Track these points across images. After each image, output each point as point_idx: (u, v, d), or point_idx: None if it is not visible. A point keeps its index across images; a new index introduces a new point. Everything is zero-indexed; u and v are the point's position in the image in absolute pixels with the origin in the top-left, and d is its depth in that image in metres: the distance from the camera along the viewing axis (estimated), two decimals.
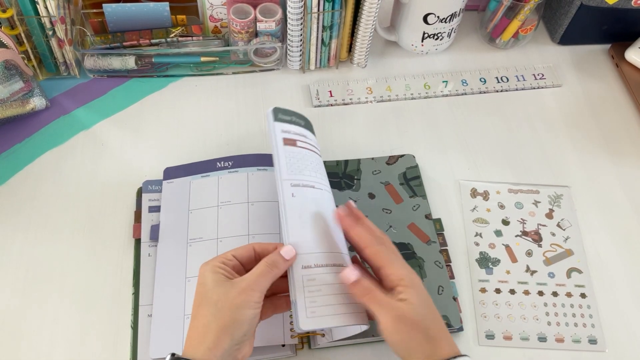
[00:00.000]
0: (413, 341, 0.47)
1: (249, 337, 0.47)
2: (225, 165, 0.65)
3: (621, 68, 0.81)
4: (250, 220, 0.61)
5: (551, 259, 0.64)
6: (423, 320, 0.47)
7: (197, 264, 0.59)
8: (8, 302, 0.59)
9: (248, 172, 0.64)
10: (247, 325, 0.46)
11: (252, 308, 0.46)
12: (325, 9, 0.71)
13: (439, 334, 0.48)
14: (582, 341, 0.59)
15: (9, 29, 0.70)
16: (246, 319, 0.46)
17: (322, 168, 0.59)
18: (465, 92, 0.79)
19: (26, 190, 0.67)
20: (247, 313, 0.46)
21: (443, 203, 0.68)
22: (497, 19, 0.80)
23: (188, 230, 0.61)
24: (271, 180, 0.64)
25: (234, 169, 0.65)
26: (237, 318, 0.45)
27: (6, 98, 0.69)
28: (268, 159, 0.66)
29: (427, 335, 0.47)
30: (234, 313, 0.45)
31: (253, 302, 0.46)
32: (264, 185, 0.64)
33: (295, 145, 0.56)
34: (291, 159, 0.55)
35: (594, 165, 0.72)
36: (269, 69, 0.79)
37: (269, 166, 0.65)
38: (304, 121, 0.61)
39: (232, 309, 0.46)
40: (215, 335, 0.45)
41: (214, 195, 0.63)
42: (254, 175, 0.64)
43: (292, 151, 0.56)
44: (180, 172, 0.66)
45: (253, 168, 0.65)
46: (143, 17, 0.75)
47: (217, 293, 0.47)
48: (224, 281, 0.47)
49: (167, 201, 0.64)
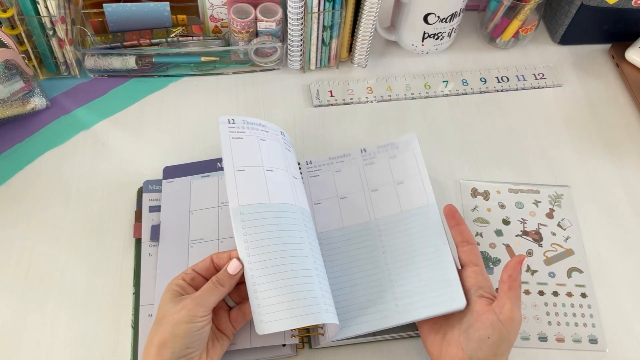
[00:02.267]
0: (509, 343, 0.51)
1: (196, 349, 0.49)
2: None
3: (621, 68, 0.81)
4: None
5: (552, 258, 0.65)
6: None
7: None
8: (8, 302, 0.59)
9: None
10: (187, 339, 0.48)
11: (194, 322, 0.48)
12: (326, 8, 0.71)
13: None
14: (583, 341, 0.59)
15: (9, 29, 0.70)
16: (186, 333, 0.48)
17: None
18: (466, 91, 0.79)
19: (26, 190, 0.67)
20: (187, 327, 0.48)
21: (443, 203, 0.67)
22: (497, 18, 0.80)
23: (189, 231, 0.61)
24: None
25: None
26: (176, 332, 0.48)
27: (7, 98, 0.69)
28: None
29: (513, 344, 0.51)
30: (173, 327, 0.48)
31: (196, 317, 0.49)
32: None
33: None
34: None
35: (594, 165, 0.72)
36: (269, 69, 0.79)
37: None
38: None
39: (172, 324, 0.48)
40: (156, 349, 0.48)
41: (214, 195, 0.63)
42: None
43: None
44: (180, 171, 0.66)
45: None
46: (143, 17, 0.75)
47: (163, 309, 0.50)
48: (173, 298, 0.51)
49: (167, 201, 0.64)
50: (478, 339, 0.50)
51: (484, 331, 0.50)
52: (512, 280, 0.52)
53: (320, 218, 0.62)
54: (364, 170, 0.66)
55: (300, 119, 0.75)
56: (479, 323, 0.51)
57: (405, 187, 0.63)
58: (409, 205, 0.62)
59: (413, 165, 0.64)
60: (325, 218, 0.63)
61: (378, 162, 0.66)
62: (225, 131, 0.58)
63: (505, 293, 0.51)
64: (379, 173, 0.65)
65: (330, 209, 0.63)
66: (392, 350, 0.58)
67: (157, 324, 0.50)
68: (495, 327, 0.50)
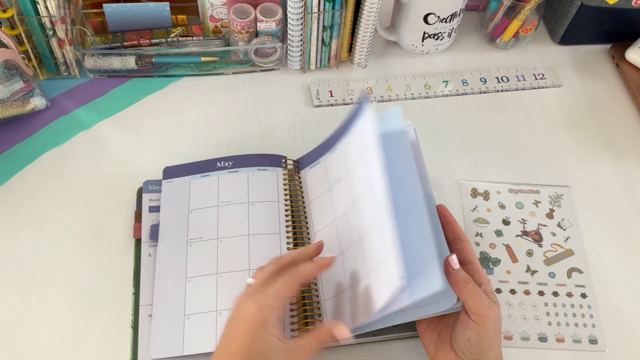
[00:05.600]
0: (489, 338, 0.50)
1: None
2: (225, 165, 0.65)
3: (621, 68, 0.81)
4: (250, 221, 0.61)
5: (552, 259, 0.64)
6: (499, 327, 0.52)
7: (198, 264, 0.59)
8: (8, 302, 0.59)
9: (248, 172, 0.64)
10: None
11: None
12: (326, 9, 0.71)
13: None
14: (583, 341, 0.59)
15: (9, 29, 0.70)
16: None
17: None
18: (466, 92, 0.79)
19: (26, 190, 0.67)
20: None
21: (443, 203, 0.67)
22: (497, 19, 0.80)
23: (188, 230, 0.61)
24: (271, 180, 0.64)
25: (234, 169, 0.65)
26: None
27: (6, 98, 0.69)
28: (268, 159, 0.66)
29: (498, 337, 0.52)
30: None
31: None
32: (265, 185, 0.64)
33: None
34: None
35: (594, 165, 0.72)
36: (269, 69, 0.79)
37: (269, 166, 0.65)
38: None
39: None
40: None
41: (214, 195, 0.63)
42: (254, 176, 0.64)
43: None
44: (180, 171, 0.66)
45: (253, 168, 0.65)
46: (143, 17, 0.75)
47: (264, 346, 0.45)
48: (283, 339, 0.47)
49: (166, 201, 0.64)
50: (461, 342, 0.51)
51: (462, 334, 0.51)
52: (455, 284, 0.51)
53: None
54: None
55: (300, 119, 0.75)
56: (458, 326, 0.51)
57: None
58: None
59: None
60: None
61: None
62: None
63: (461, 295, 0.51)
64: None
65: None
66: (392, 350, 0.58)
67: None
68: (470, 327, 0.50)
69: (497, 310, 0.51)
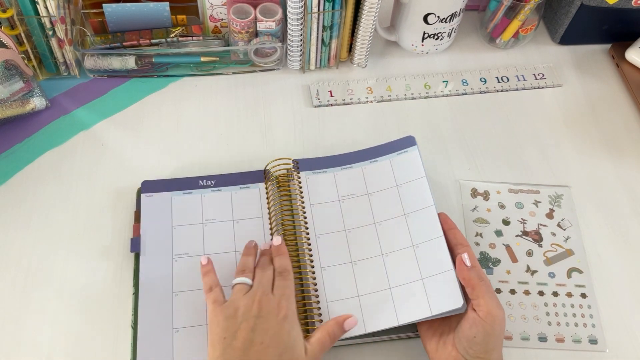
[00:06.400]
0: (495, 337, 0.51)
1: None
2: (208, 184, 0.65)
3: (621, 68, 0.81)
4: (236, 238, 0.62)
5: (551, 259, 0.64)
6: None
7: (185, 279, 0.59)
8: (8, 302, 0.59)
9: (231, 192, 0.65)
10: None
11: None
12: (326, 9, 0.71)
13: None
14: (583, 341, 0.59)
15: (9, 29, 0.70)
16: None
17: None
18: (466, 92, 0.79)
19: (26, 190, 0.67)
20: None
21: (443, 203, 0.68)
22: (497, 18, 0.80)
23: (172, 246, 0.61)
24: (254, 197, 0.65)
25: (217, 188, 0.65)
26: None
27: (6, 98, 0.69)
28: (250, 177, 0.66)
29: (502, 337, 0.53)
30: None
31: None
32: (249, 203, 0.64)
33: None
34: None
35: (594, 165, 0.72)
36: (269, 69, 0.79)
37: (251, 183, 0.66)
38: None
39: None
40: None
41: (198, 212, 0.63)
42: (238, 195, 0.65)
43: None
44: (160, 186, 0.65)
45: (236, 187, 0.65)
46: (143, 17, 0.75)
47: (287, 341, 0.51)
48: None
49: (147, 215, 0.63)
50: (466, 339, 0.51)
51: (469, 331, 0.51)
52: (467, 281, 0.54)
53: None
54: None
55: (300, 119, 0.75)
56: (464, 323, 0.52)
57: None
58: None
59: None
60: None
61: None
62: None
63: (473, 292, 0.53)
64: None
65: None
66: (392, 351, 0.58)
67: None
68: (478, 325, 0.51)
69: (504, 311, 0.53)
